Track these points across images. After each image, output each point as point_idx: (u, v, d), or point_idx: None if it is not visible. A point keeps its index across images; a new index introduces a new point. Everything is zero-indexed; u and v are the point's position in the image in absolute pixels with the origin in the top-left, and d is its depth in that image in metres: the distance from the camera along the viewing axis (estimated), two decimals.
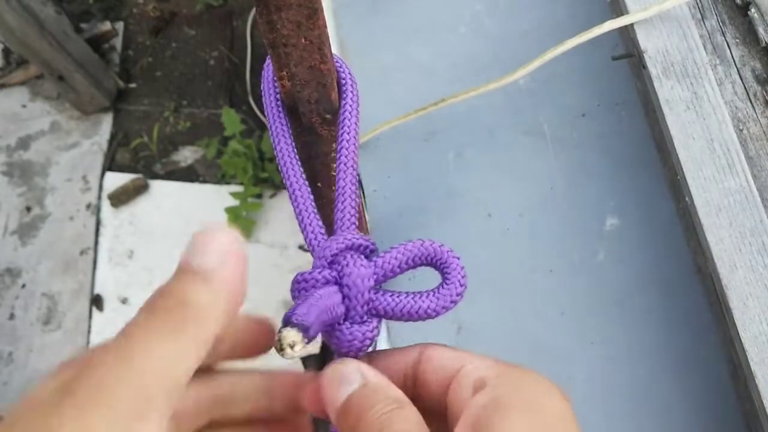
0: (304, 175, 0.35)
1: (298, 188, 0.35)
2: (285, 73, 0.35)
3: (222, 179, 1.96)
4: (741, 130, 0.64)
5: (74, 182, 1.98)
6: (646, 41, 0.67)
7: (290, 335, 0.28)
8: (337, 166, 0.35)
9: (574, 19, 0.82)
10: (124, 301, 1.84)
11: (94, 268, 1.88)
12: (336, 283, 0.31)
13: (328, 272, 0.31)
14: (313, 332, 0.29)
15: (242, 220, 1.84)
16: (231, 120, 1.90)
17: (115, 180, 1.97)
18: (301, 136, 0.39)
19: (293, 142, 0.36)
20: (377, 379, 0.29)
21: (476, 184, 0.78)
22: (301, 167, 0.35)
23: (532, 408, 0.26)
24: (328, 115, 0.38)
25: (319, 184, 0.42)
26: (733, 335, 0.58)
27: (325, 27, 0.33)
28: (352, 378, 0.28)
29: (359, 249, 0.32)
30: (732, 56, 0.67)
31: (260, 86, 0.38)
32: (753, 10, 0.67)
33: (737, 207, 0.60)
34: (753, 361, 0.55)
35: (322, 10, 0.31)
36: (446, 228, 0.76)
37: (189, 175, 2.00)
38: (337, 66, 0.37)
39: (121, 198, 1.94)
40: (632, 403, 0.68)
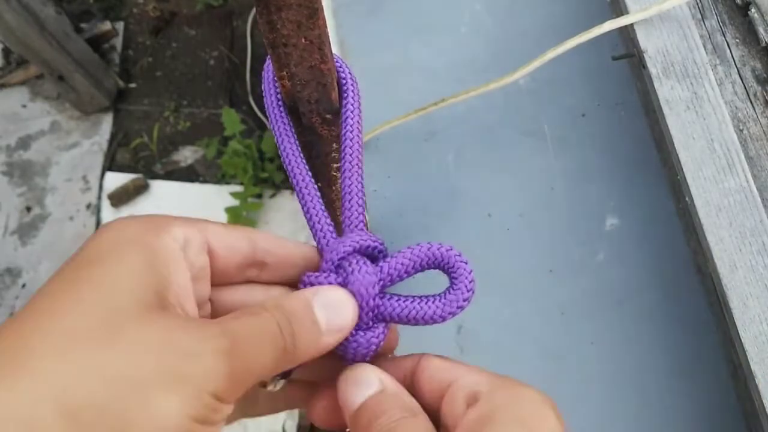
0: (310, 173, 0.35)
1: (305, 186, 0.34)
2: (285, 73, 0.35)
3: (222, 179, 1.96)
4: (741, 130, 0.64)
5: (74, 182, 1.98)
6: (646, 41, 0.67)
7: None
8: (342, 164, 0.35)
9: (574, 19, 0.82)
10: None
11: None
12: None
13: (334, 277, 0.30)
14: None
15: (242, 220, 1.84)
16: (231, 120, 1.90)
17: (115, 180, 1.97)
18: (301, 136, 0.39)
19: (297, 141, 0.36)
20: (395, 386, 0.29)
21: (476, 184, 0.78)
22: (307, 166, 0.35)
23: (524, 425, 0.26)
24: (328, 115, 0.38)
25: (320, 183, 0.42)
26: (733, 335, 0.58)
27: (325, 27, 0.33)
28: (370, 382, 0.29)
29: (367, 250, 0.32)
30: (732, 56, 0.67)
31: (260, 86, 0.38)
32: (753, 10, 0.67)
33: (737, 207, 0.60)
34: (753, 361, 0.55)
35: (322, 10, 0.31)
36: (446, 228, 0.76)
37: (189, 175, 2.00)
38: (337, 66, 0.37)
39: (121, 198, 1.94)
40: (632, 403, 0.68)
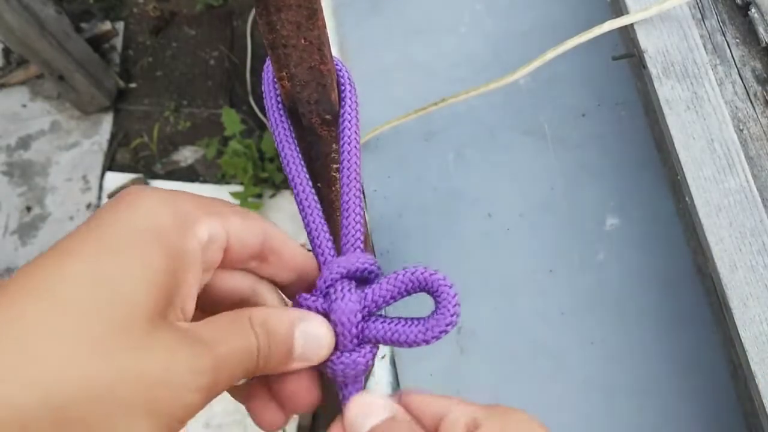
0: (311, 182, 0.35)
1: (305, 198, 0.35)
2: (285, 73, 0.35)
3: (222, 179, 1.96)
4: (741, 130, 0.64)
5: (74, 182, 1.98)
6: (646, 41, 0.67)
7: None
8: (341, 177, 0.35)
9: (574, 19, 0.82)
10: None
11: None
12: (326, 314, 0.31)
13: (321, 302, 0.31)
14: None
15: None
16: (231, 120, 1.90)
17: (116, 180, 1.97)
18: (301, 137, 0.39)
19: (297, 145, 0.36)
20: (403, 414, 0.30)
21: (476, 184, 0.78)
22: (306, 172, 0.35)
23: None
24: (328, 116, 0.38)
25: (320, 184, 0.42)
26: (733, 335, 0.58)
27: (325, 27, 0.33)
28: (380, 409, 0.29)
29: (357, 274, 0.32)
30: (732, 56, 0.67)
31: (260, 86, 0.38)
32: (753, 10, 0.67)
33: (737, 207, 0.60)
34: (753, 361, 0.55)
35: (321, 10, 0.31)
36: (446, 228, 0.76)
37: (189, 175, 2.00)
38: (336, 68, 0.37)
39: None
40: (632, 403, 0.68)
